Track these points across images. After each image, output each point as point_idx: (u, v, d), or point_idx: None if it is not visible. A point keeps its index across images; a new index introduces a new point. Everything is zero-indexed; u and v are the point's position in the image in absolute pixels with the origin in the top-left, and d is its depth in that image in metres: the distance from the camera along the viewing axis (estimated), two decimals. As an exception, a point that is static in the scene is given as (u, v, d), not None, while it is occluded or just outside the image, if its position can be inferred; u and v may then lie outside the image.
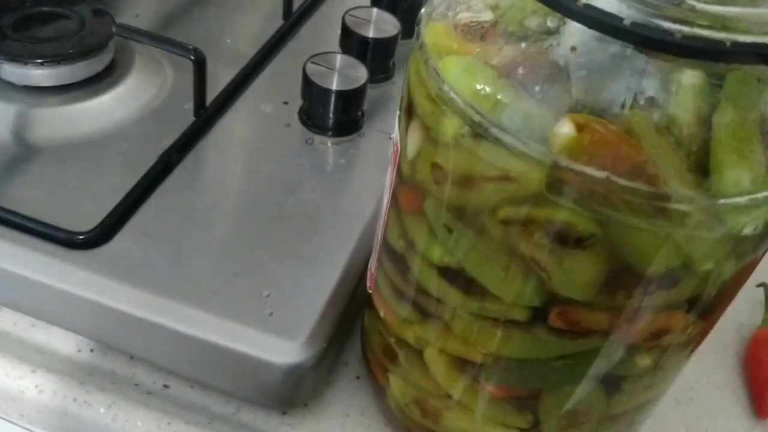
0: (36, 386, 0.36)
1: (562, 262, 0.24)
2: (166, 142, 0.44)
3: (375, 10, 0.51)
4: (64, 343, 0.39)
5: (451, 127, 0.24)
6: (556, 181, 0.22)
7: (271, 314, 0.36)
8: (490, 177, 0.24)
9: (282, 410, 0.38)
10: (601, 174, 0.21)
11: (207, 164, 0.43)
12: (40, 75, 0.45)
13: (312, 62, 0.46)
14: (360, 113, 0.47)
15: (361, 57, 0.48)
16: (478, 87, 0.23)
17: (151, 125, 0.45)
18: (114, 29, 0.45)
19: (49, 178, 0.41)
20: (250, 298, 0.36)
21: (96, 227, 0.38)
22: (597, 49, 0.22)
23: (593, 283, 0.25)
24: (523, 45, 0.24)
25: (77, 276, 0.36)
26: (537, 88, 0.24)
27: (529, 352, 0.28)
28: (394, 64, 0.52)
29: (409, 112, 0.28)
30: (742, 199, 0.22)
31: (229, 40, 0.54)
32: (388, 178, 0.32)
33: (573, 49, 0.22)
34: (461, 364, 0.30)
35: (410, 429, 0.35)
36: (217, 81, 0.48)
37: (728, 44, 0.20)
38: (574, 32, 0.22)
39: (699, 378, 0.43)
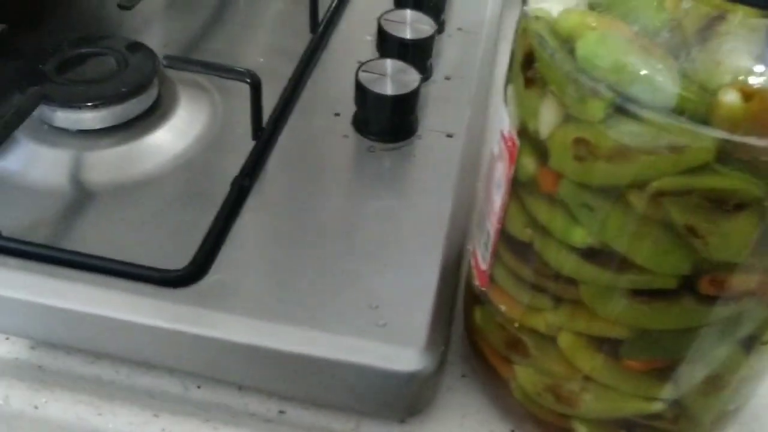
0: (163, 430, 0.36)
1: (720, 227, 0.25)
2: (232, 168, 0.43)
3: (408, 11, 0.51)
4: (169, 383, 0.38)
5: (597, 107, 0.25)
6: (723, 152, 0.23)
7: (385, 325, 0.36)
8: (651, 149, 0.24)
9: (401, 419, 0.38)
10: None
11: (279, 185, 0.43)
12: (93, 118, 0.44)
13: (363, 70, 0.46)
14: (414, 116, 0.48)
15: (402, 59, 0.48)
16: (629, 62, 0.24)
17: (211, 154, 0.45)
18: (165, 62, 0.44)
19: (123, 220, 0.40)
20: (360, 312, 0.36)
21: (190, 262, 0.37)
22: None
23: (750, 244, 0.25)
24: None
25: (181, 313, 0.36)
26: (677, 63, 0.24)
27: (676, 323, 0.29)
28: (431, 63, 0.53)
29: (526, 98, 0.28)
30: None
31: (261, 59, 0.54)
32: (498, 172, 0.32)
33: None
34: (601, 343, 0.31)
35: (540, 417, 0.35)
36: (264, 102, 0.48)
37: None
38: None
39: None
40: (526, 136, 0.29)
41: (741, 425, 0.39)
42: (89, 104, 0.44)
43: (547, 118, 0.28)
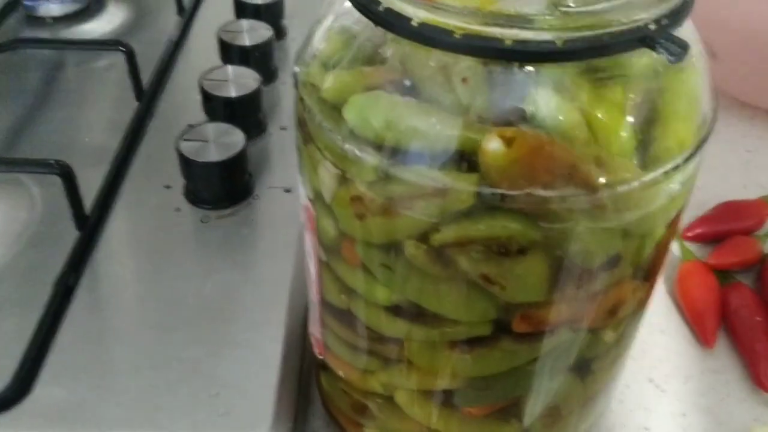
0: None
1: (512, 271, 0.24)
2: (56, 265, 0.40)
3: (230, 67, 0.50)
4: None
5: (366, 171, 0.24)
6: (488, 198, 0.22)
7: (227, 413, 0.34)
8: (419, 195, 0.24)
9: (266, 502, 0.36)
10: (531, 190, 0.22)
11: (108, 277, 0.41)
12: None
13: (184, 139, 0.44)
14: (248, 175, 0.46)
15: (230, 118, 0.47)
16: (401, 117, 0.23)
17: (33, 253, 0.42)
18: (-38, 166, 0.41)
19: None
20: (199, 403, 0.34)
21: (12, 381, 0.35)
22: (486, 73, 0.22)
23: (545, 283, 0.25)
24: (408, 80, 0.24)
25: (6, 441, 0.33)
26: (434, 119, 0.23)
27: (501, 365, 0.28)
28: (264, 115, 0.51)
29: (309, 165, 0.27)
30: (677, 161, 0.23)
31: (87, 138, 0.51)
32: (308, 244, 0.31)
33: (464, 80, 0.22)
34: (436, 396, 0.30)
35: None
36: (89, 184, 0.45)
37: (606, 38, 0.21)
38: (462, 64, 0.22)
39: (642, 329, 0.44)
40: (321, 200, 0.28)
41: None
42: None
43: (327, 182, 0.27)
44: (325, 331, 0.32)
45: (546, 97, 0.22)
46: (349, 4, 0.25)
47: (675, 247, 0.49)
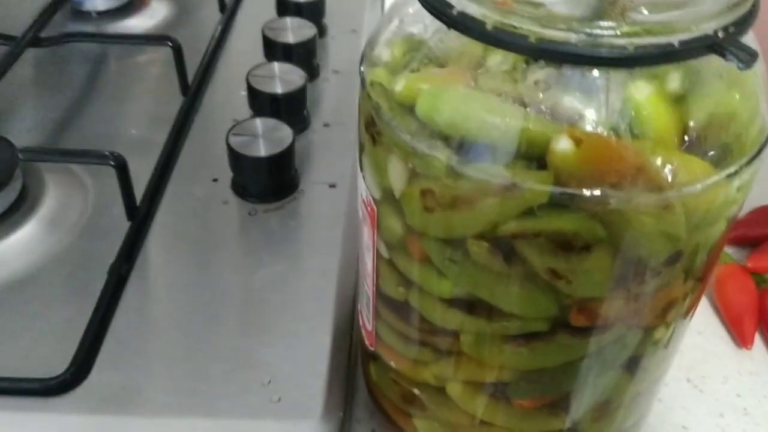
0: None
1: (579, 266, 0.25)
2: (108, 254, 0.42)
3: (276, 64, 0.51)
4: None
5: (437, 166, 0.25)
6: (557, 197, 0.23)
7: (279, 400, 0.35)
8: (489, 192, 0.25)
9: (313, 489, 0.37)
10: (601, 190, 0.22)
11: (159, 266, 0.42)
12: (-48, 224, 0.42)
13: (234, 134, 0.45)
14: (294, 171, 0.47)
15: (276, 114, 0.48)
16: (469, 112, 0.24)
17: (86, 241, 0.43)
18: (20, 155, 0.42)
19: (-4, 329, 0.38)
20: (252, 391, 0.35)
21: (70, 366, 0.36)
22: (557, 76, 0.23)
23: (609, 278, 0.26)
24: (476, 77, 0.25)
25: (65, 423, 0.34)
26: (504, 113, 0.24)
27: (555, 359, 0.29)
28: (308, 111, 0.52)
29: (375, 162, 0.28)
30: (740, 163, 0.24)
31: (134, 131, 0.52)
32: (365, 238, 0.32)
33: (536, 82, 0.23)
34: (488, 388, 0.31)
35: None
36: (138, 175, 0.46)
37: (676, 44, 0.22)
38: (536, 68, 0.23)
39: (680, 328, 0.45)
40: (387, 198, 0.29)
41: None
42: (-54, 210, 0.41)
43: (396, 177, 0.28)
44: (379, 323, 0.33)
45: (615, 100, 0.23)
46: (416, 7, 0.26)
47: (712, 250, 0.49)
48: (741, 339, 0.44)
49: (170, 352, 0.37)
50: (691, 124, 0.24)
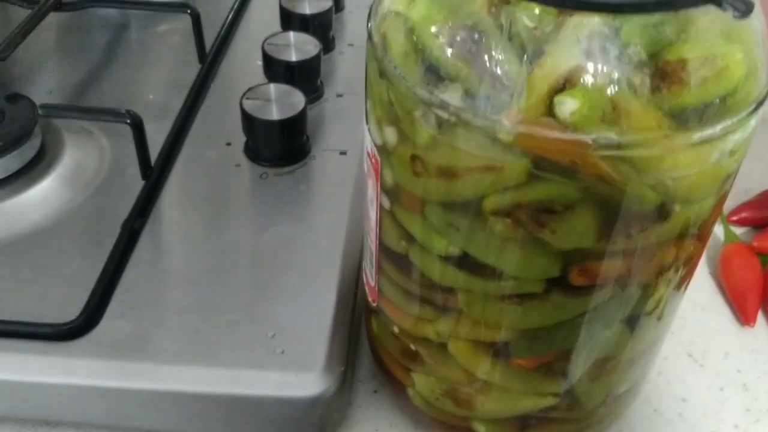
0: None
1: (564, 224, 0.26)
2: (122, 211, 0.43)
3: (291, 33, 0.52)
4: (75, 437, 0.38)
5: (423, 134, 0.25)
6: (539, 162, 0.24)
7: (282, 352, 0.36)
8: (473, 167, 0.25)
9: (313, 443, 0.38)
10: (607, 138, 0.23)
11: (171, 223, 0.43)
12: (-27, 175, 0.43)
13: (247, 98, 0.46)
14: (305, 137, 0.48)
15: (290, 82, 0.49)
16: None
17: (101, 198, 0.44)
18: (40, 111, 0.43)
19: (12, 276, 0.39)
20: (257, 343, 0.36)
21: (81, 313, 0.37)
22: (554, 24, 0.24)
23: (595, 231, 0.26)
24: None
25: (76, 366, 0.35)
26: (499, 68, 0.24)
27: (553, 318, 0.29)
28: (321, 82, 0.53)
29: (381, 115, 0.29)
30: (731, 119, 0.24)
31: (151, 96, 0.53)
32: (369, 190, 0.32)
33: (535, 29, 0.23)
34: (487, 346, 0.31)
35: (443, 422, 0.36)
36: (153, 138, 0.47)
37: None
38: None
39: (684, 306, 0.45)
40: (384, 150, 0.30)
41: (635, 410, 0.40)
42: (-33, 162, 0.43)
43: (389, 134, 0.28)
44: (381, 278, 0.34)
45: (611, 50, 0.23)
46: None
47: (719, 230, 0.49)
48: (744, 316, 0.44)
49: (179, 304, 0.38)
50: (688, 75, 0.24)
